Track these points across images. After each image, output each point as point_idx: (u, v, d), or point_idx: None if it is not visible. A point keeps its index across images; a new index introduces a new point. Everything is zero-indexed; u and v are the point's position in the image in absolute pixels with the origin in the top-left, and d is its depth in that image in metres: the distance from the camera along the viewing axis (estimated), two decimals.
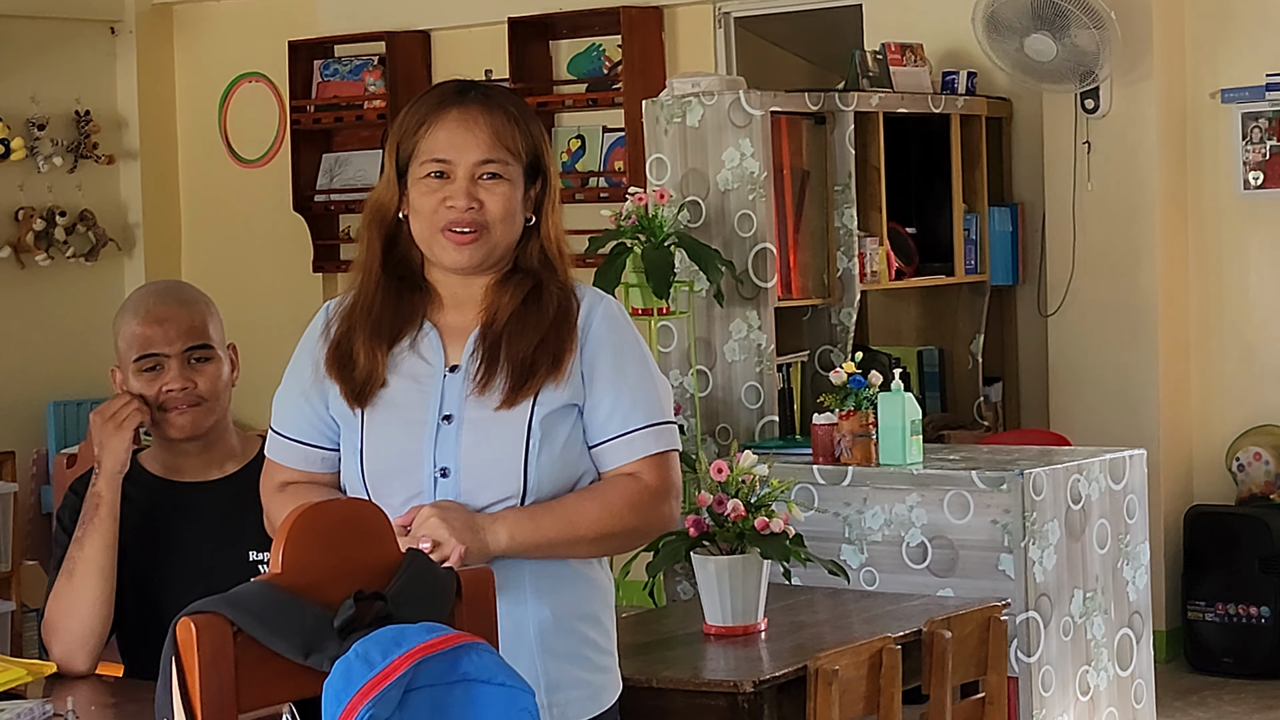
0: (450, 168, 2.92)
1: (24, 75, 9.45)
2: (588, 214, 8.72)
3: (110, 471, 3.38)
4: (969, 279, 7.75)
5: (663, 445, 2.97)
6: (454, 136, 2.91)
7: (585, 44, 9.06)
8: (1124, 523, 5.94)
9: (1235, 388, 7.71)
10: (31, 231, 9.40)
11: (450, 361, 2.95)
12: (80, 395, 9.37)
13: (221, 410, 3.51)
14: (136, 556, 3.44)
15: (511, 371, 2.91)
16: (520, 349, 2.91)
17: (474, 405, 2.92)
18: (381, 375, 2.93)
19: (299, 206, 9.65)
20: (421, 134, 2.93)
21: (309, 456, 3.01)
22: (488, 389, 2.91)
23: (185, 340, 3.47)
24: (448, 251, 2.93)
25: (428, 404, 2.93)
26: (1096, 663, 5.81)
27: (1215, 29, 7.69)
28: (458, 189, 2.91)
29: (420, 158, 2.93)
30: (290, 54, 9.60)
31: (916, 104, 7.46)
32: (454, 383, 2.94)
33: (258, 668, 2.38)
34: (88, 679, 3.34)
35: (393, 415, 2.94)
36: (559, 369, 2.91)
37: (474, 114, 2.93)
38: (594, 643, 3.00)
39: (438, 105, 2.94)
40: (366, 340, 2.94)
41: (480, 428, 2.91)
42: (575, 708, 2.96)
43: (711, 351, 6.78)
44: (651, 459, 2.95)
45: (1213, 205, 7.73)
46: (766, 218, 6.68)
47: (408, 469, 2.93)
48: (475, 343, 2.95)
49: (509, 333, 2.93)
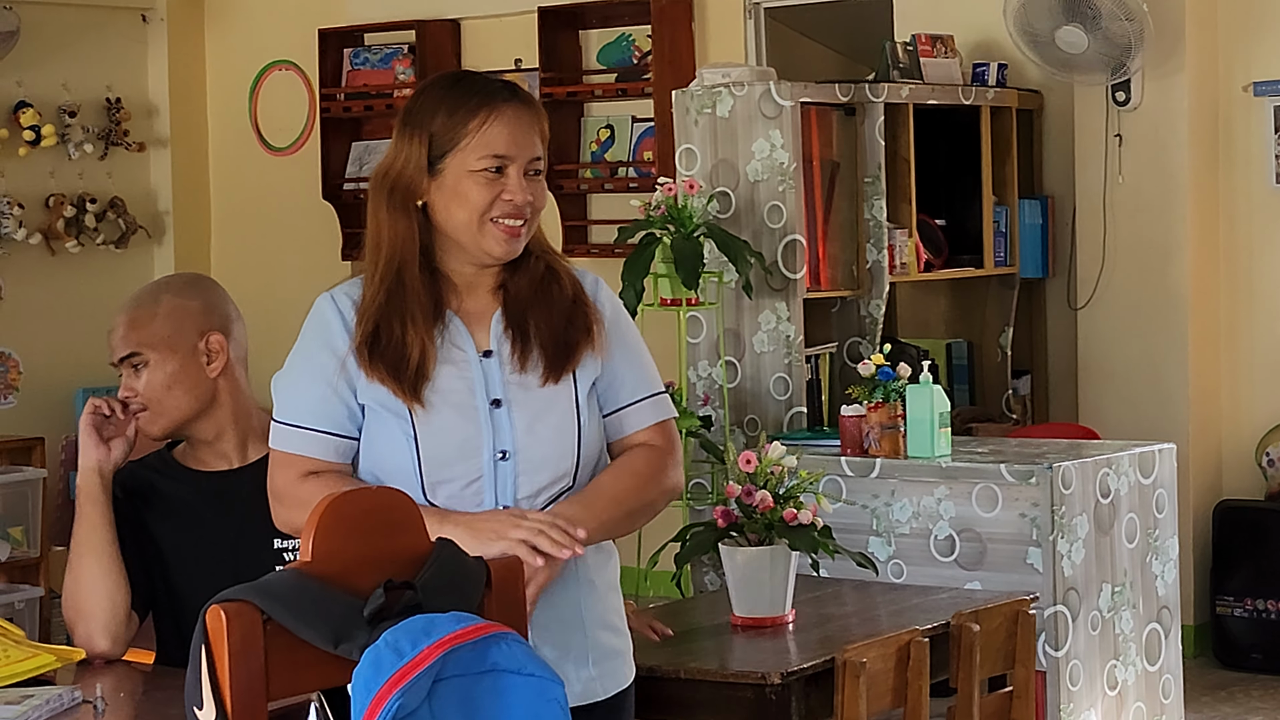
0: (507, 163, 2.97)
1: (55, 62, 9.47)
2: (617, 204, 8.73)
3: (80, 466, 3.46)
4: (998, 271, 7.73)
5: (666, 413, 3.11)
6: (516, 133, 2.98)
7: (615, 34, 9.06)
8: (1153, 517, 5.92)
9: (1265, 382, 7.68)
10: (62, 218, 9.43)
11: (481, 347, 3.00)
12: (110, 383, 9.32)
13: (177, 410, 3.50)
14: (170, 547, 3.47)
15: (547, 349, 2.99)
16: (552, 326, 3.00)
17: (518, 387, 2.98)
18: (430, 367, 2.96)
19: (328, 195, 9.66)
20: (474, 127, 2.96)
21: (339, 448, 3.01)
22: (526, 368, 2.98)
23: (118, 350, 3.55)
24: (498, 242, 2.98)
25: (474, 390, 2.97)
26: (1124, 657, 5.80)
27: (1247, 22, 7.65)
28: (515, 184, 2.97)
29: (476, 151, 2.96)
30: (320, 42, 9.61)
31: (947, 96, 7.44)
32: (492, 367, 2.98)
33: (287, 656, 2.38)
34: (116, 665, 3.35)
35: (443, 402, 2.97)
36: (594, 341, 3.01)
37: (526, 112, 3.01)
38: (619, 611, 3.12)
39: (490, 100, 2.98)
40: (418, 328, 2.96)
41: (531, 408, 2.98)
42: (615, 678, 3.08)
43: (740, 343, 6.77)
44: (662, 425, 3.10)
45: (1244, 198, 7.69)
46: (796, 209, 6.67)
47: (468, 455, 2.96)
48: (502, 325, 3.00)
49: (534, 313, 3.00)
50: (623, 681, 3.09)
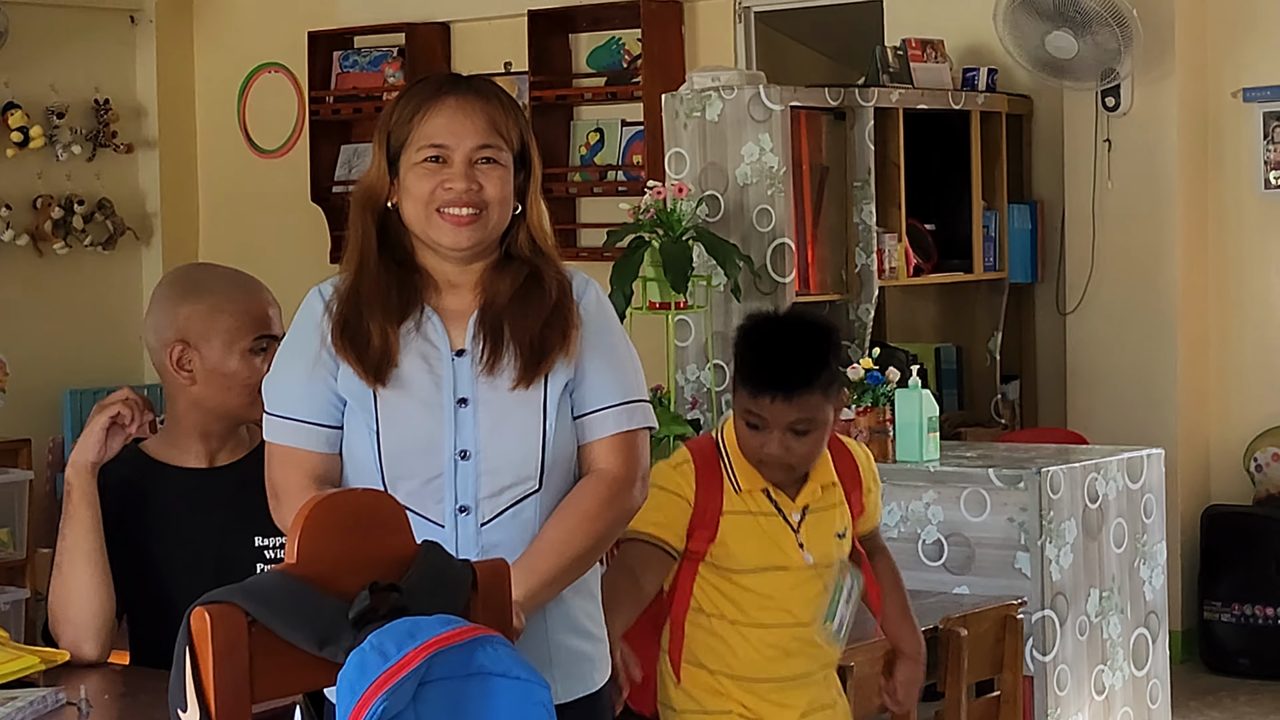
0: (447, 153, 2.97)
1: (43, 64, 9.46)
2: (606, 207, 8.72)
3: (74, 461, 3.37)
4: (988, 276, 7.73)
5: (638, 422, 3.05)
6: (453, 123, 2.98)
7: (605, 37, 9.05)
8: (1141, 522, 5.92)
9: (1254, 387, 7.69)
10: (50, 220, 9.41)
11: (455, 346, 2.99)
12: (97, 384, 9.38)
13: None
14: (139, 543, 3.42)
15: (520, 352, 2.97)
16: (526, 330, 2.98)
17: (487, 388, 2.97)
18: (395, 353, 2.97)
19: (317, 197, 9.65)
20: (416, 121, 2.98)
21: (329, 439, 3.01)
22: (496, 370, 2.97)
23: (277, 325, 3.51)
24: (445, 233, 2.97)
25: (441, 387, 2.97)
26: (1112, 662, 5.80)
27: (1237, 28, 7.66)
28: (456, 172, 2.96)
29: (416, 144, 2.98)
30: (310, 45, 9.61)
31: (937, 100, 7.44)
32: (463, 366, 2.98)
33: (272, 658, 2.37)
34: (100, 668, 3.33)
35: (408, 397, 2.96)
36: (569, 346, 2.99)
37: (471, 101, 2.99)
38: (592, 615, 3.08)
39: (434, 93, 3.00)
40: (377, 318, 2.97)
41: (497, 410, 2.96)
42: (581, 682, 3.03)
43: (729, 346, 6.75)
44: (624, 437, 3.03)
45: (1233, 205, 7.70)
46: (785, 213, 6.67)
47: (427, 451, 2.95)
48: (476, 326, 3.00)
49: (511, 315, 2.99)
50: (590, 686, 3.05)
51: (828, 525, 3.56)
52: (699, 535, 3.49)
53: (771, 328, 3.52)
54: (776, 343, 3.47)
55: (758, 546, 3.49)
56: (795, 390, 3.41)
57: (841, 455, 3.62)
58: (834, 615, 3.56)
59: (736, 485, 3.50)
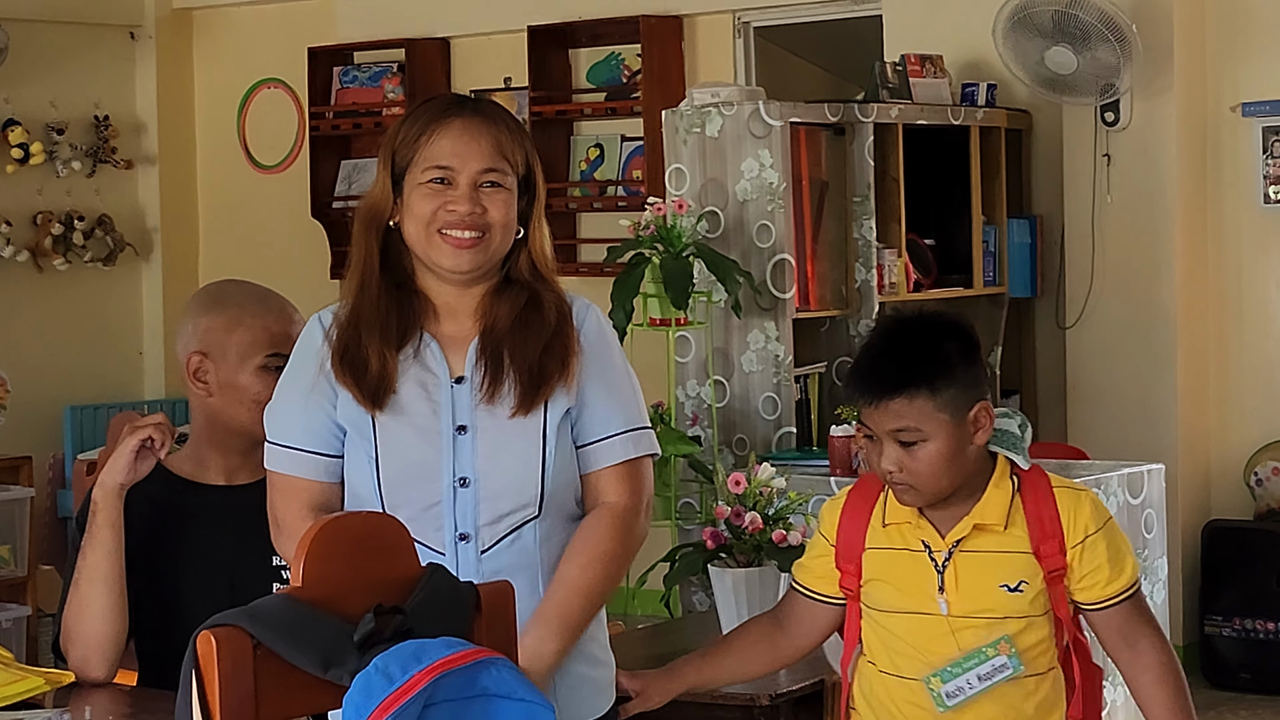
0: (452, 174, 2.97)
1: (44, 80, 9.47)
2: (606, 223, 8.73)
3: (103, 482, 3.36)
4: (987, 291, 7.73)
5: (643, 450, 3.04)
6: (458, 145, 2.97)
7: (604, 53, 9.07)
8: (1142, 537, 5.92)
9: (1254, 402, 7.69)
10: (50, 236, 9.42)
11: (454, 373, 2.99)
12: (97, 400, 9.38)
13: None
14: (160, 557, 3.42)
15: (520, 379, 2.96)
16: (526, 356, 2.97)
17: (486, 415, 2.96)
18: (393, 379, 2.97)
19: (317, 213, 9.66)
20: (423, 142, 2.98)
21: (328, 468, 3.01)
22: (496, 398, 2.96)
23: None
24: (446, 254, 2.97)
25: (439, 414, 2.96)
26: (1114, 677, 5.77)
27: (1236, 42, 7.67)
28: (460, 194, 2.96)
29: (421, 164, 2.98)
30: (309, 60, 9.62)
31: (936, 115, 7.45)
32: (462, 394, 2.97)
33: (277, 681, 2.38)
34: (105, 688, 3.33)
35: (406, 423, 2.96)
36: (569, 374, 2.97)
37: (477, 124, 2.99)
38: (596, 639, 3.06)
39: (440, 115, 3.00)
40: (376, 343, 2.97)
41: (496, 437, 2.96)
42: (585, 706, 3.02)
43: (729, 362, 6.77)
44: (630, 465, 3.02)
45: (1233, 219, 7.71)
46: (785, 228, 6.67)
47: (426, 478, 2.95)
48: (477, 353, 2.99)
49: (511, 341, 2.98)
50: (596, 710, 3.05)
51: (988, 573, 3.04)
52: (847, 572, 3.13)
53: (884, 327, 3.15)
54: (877, 342, 3.08)
55: (895, 585, 3.08)
56: (884, 392, 2.97)
57: (1036, 495, 3.07)
58: (951, 678, 3.04)
59: (884, 518, 3.09)
